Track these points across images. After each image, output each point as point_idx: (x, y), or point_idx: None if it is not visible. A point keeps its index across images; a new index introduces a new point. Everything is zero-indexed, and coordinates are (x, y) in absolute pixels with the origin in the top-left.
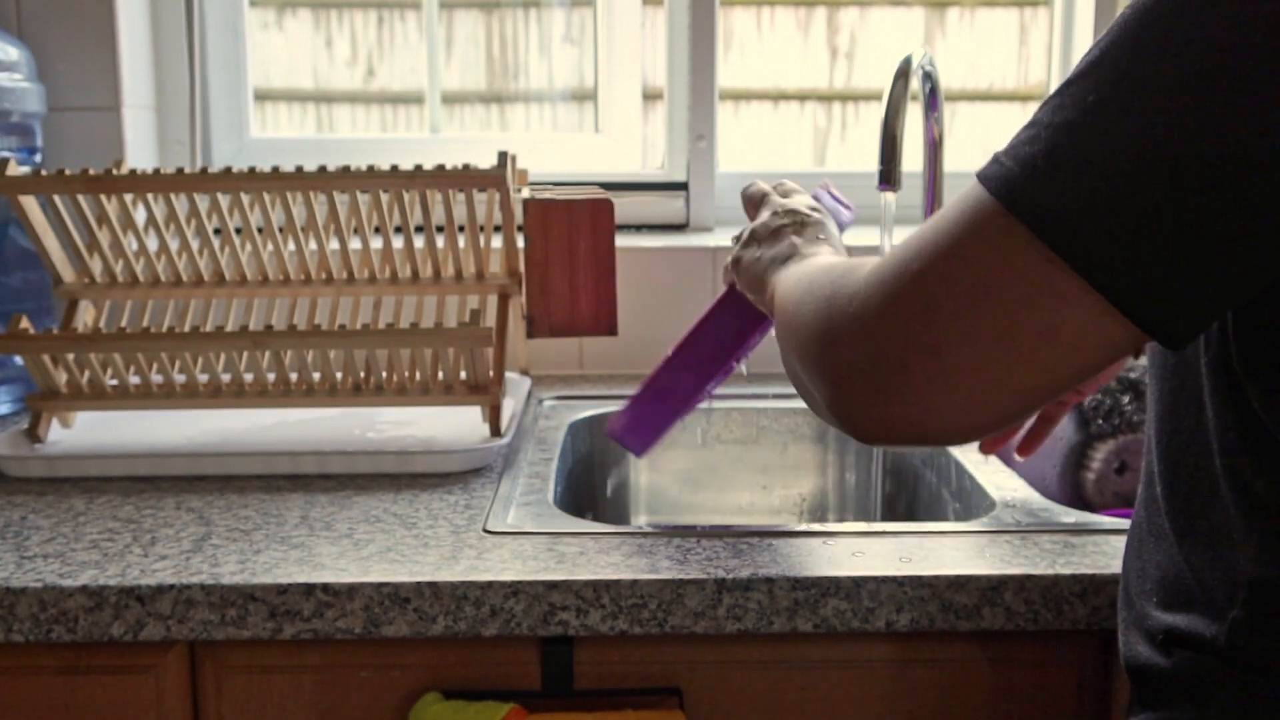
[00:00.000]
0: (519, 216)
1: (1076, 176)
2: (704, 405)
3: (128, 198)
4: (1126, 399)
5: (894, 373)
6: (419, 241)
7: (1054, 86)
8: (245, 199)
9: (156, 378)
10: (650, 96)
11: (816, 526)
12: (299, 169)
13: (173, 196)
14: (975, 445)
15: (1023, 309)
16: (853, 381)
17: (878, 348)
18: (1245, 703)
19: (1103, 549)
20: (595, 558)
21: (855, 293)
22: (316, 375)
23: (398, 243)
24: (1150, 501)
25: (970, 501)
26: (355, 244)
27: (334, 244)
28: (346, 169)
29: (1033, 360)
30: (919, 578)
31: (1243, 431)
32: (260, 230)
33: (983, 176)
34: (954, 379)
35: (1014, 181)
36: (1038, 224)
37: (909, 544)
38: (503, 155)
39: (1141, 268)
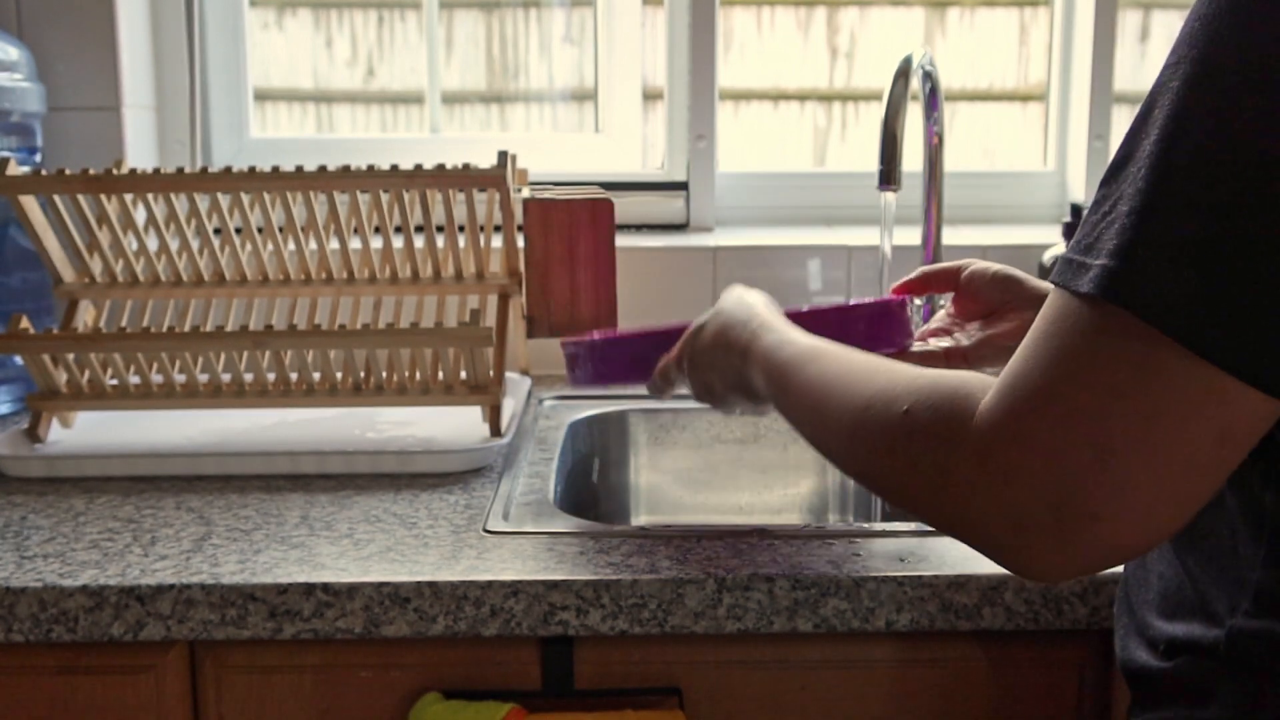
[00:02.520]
0: (519, 216)
1: (1194, 268)
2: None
3: (128, 198)
4: None
5: (1076, 520)
6: (419, 241)
7: (1054, 86)
8: (245, 199)
9: (156, 378)
10: (650, 96)
11: (816, 526)
12: (299, 169)
13: (173, 196)
14: None
15: (1193, 420)
16: (1007, 527)
17: (1048, 497)
18: (1246, 703)
19: None
20: (595, 558)
21: (983, 443)
22: (316, 375)
23: (398, 243)
24: None
25: None
26: (355, 244)
27: (334, 244)
28: (346, 169)
29: (1210, 465)
30: (919, 578)
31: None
32: (260, 230)
33: (1092, 288)
34: (1138, 506)
35: (1113, 276)
36: (1182, 332)
37: (909, 544)
38: (503, 155)
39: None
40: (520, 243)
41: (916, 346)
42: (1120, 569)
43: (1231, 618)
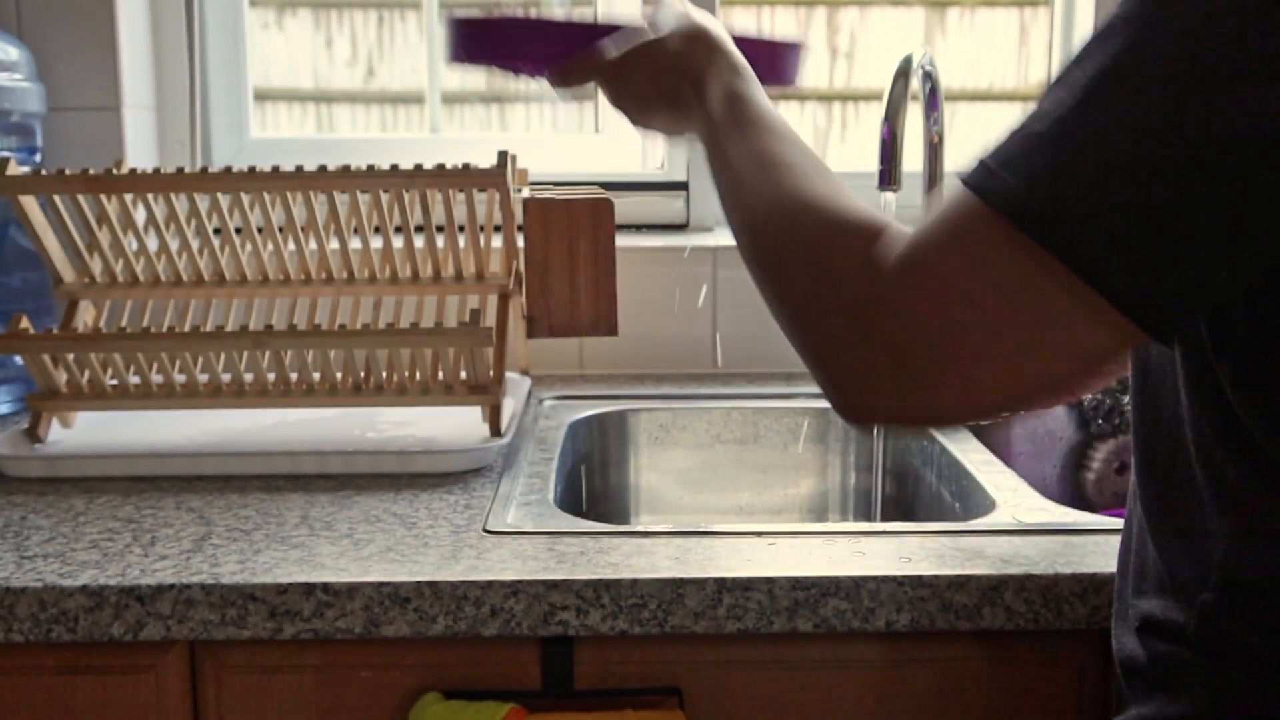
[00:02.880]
0: (519, 216)
1: (1074, 185)
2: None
3: (128, 198)
4: (1126, 399)
5: (915, 375)
6: (419, 241)
7: None
8: (245, 199)
9: (156, 378)
10: None
11: (816, 526)
12: (299, 169)
13: (173, 196)
14: (976, 446)
15: (1047, 326)
16: (862, 375)
17: (899, 352)
18: (1214, 695)
19: (1103, 549)
20: (595, 558)
21: (881, 287)
22: (316, 375)
23: (398, 243)
24: (1132, 492)
25: (970, 501)
26: (355, 244)
27: (334, 244)
28: (346, 169)
29: (1056, 379)
30: (919, 578)
31: (1216, 420)
32: (260, 230)
33: (982, 189)
34: (971, 383)
35: (1016, 196)
36: (1047, 239)
37: (909, 544)
38: (503, 155)
39: (1140, 269)
40: (520, 243)
41: None
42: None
43: (1200, 594)
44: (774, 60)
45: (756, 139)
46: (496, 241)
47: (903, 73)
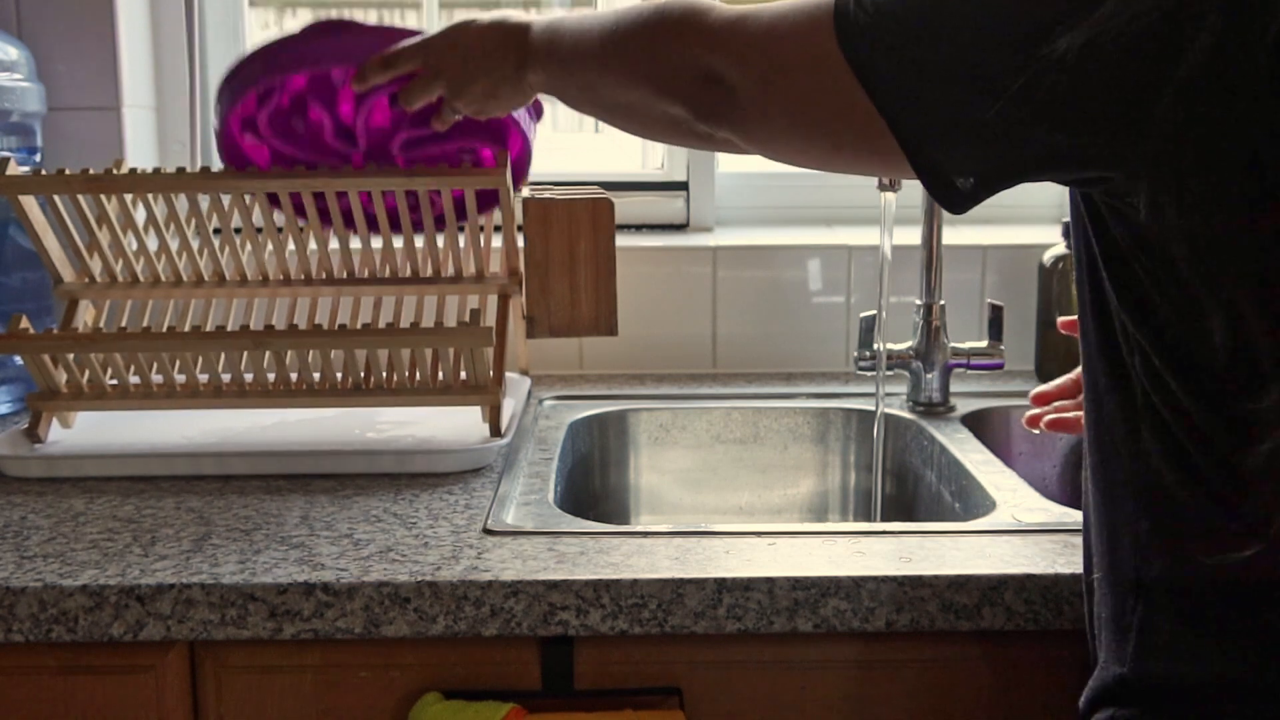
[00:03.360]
0: (519, 216)
1: (897, 32)
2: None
3: (128, 198)
4: None
5: (734, 96)
6: (419, 241)
7: None
8: (246, 199)
9: (156, 378)
10: None
11: (816, 526)
12: (299, 168)
13: (173, 196)
14: (976, 446)
15: (837, 119)
16: (705, 92)
17: (726, 77)
18: (1147, 688)
19: None
20: (595, 558)
21: (717, 27)
22: (316, 375)
23: (398, 242)
24: (1091, 489)
25: (970, 501)
26: (355, 244)
27: (334, 244)
28: (347, 168)
29: (828, 149)
30: (919, 578)
31: (1125, 397)
32: (260, 230)
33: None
34: (771, 115)
35: (848, 17)
36: (856, 62)
37: (909, 544)
38: (503, 155)
39: (925, 105)
40: (520, 242)
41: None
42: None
43: (1142, 570)
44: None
45: (573, 31)
46: (496, 241)
47: None
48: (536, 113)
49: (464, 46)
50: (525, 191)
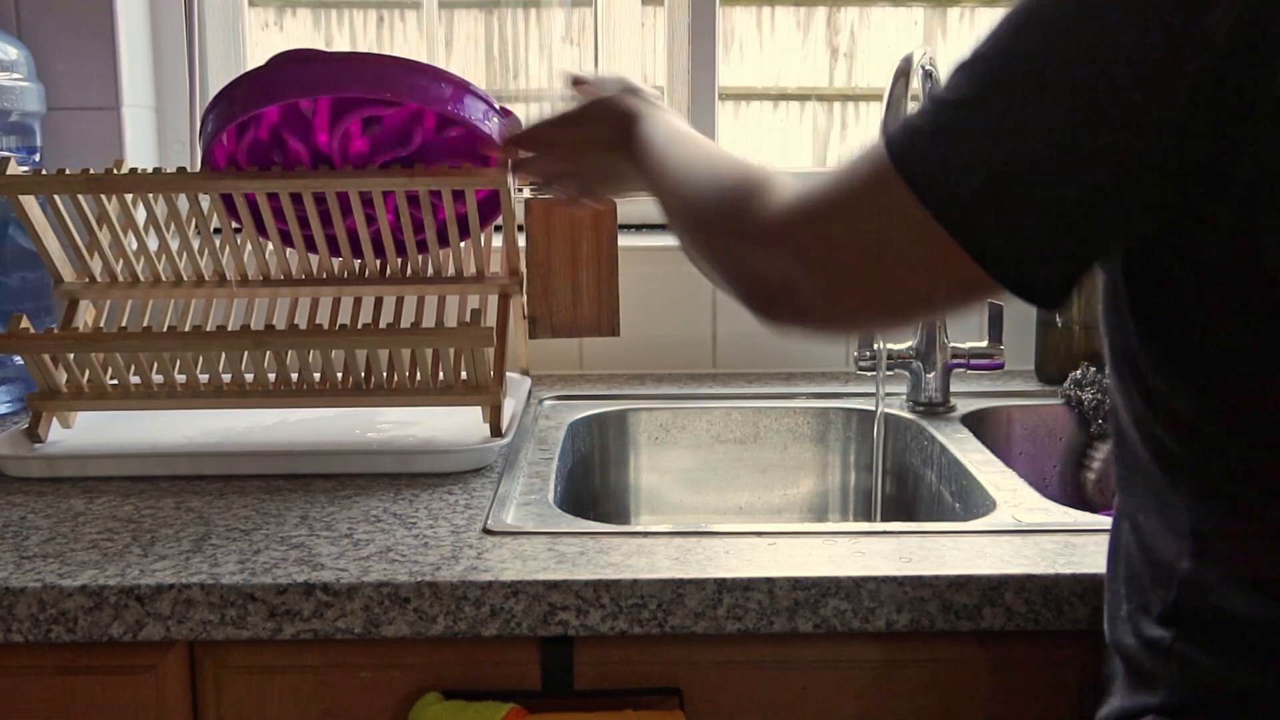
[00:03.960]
0: (520, 216)
1: (956, 150)
2: None
3: (128, 198)
4: None
5: (795, 296)
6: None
7: None
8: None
9: (157, 377)
10: None
11: (816, 526)
12: (299, 168)
13: (173, 196)
14: (976, 446)
15: (909, 265)
16: (756, 289)
17: (785, 278)
18: (1187, 683)
19: (1103, 549)
20: (595, 558)
21: (769, 225)
22: (317, 375)
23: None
24: (1119, 486)
25: (970, 501)
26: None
27: None
28: (346, 168)
29: (908, 298)
30: (919, 578)
31: (1145, 392)
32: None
33: (886, 140)
34: (841, 303)
35: (903, 147)
36: (919, 185)
37: (909, 544)
38: (504, 155)
39: (1007, 233)
40: (521, 242)
41: None
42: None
43: (1179, 563)
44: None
45: (671, 148)
46: (497, 241)
47: (903, 73)
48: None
49: (585, 129)
50: (527, 192)
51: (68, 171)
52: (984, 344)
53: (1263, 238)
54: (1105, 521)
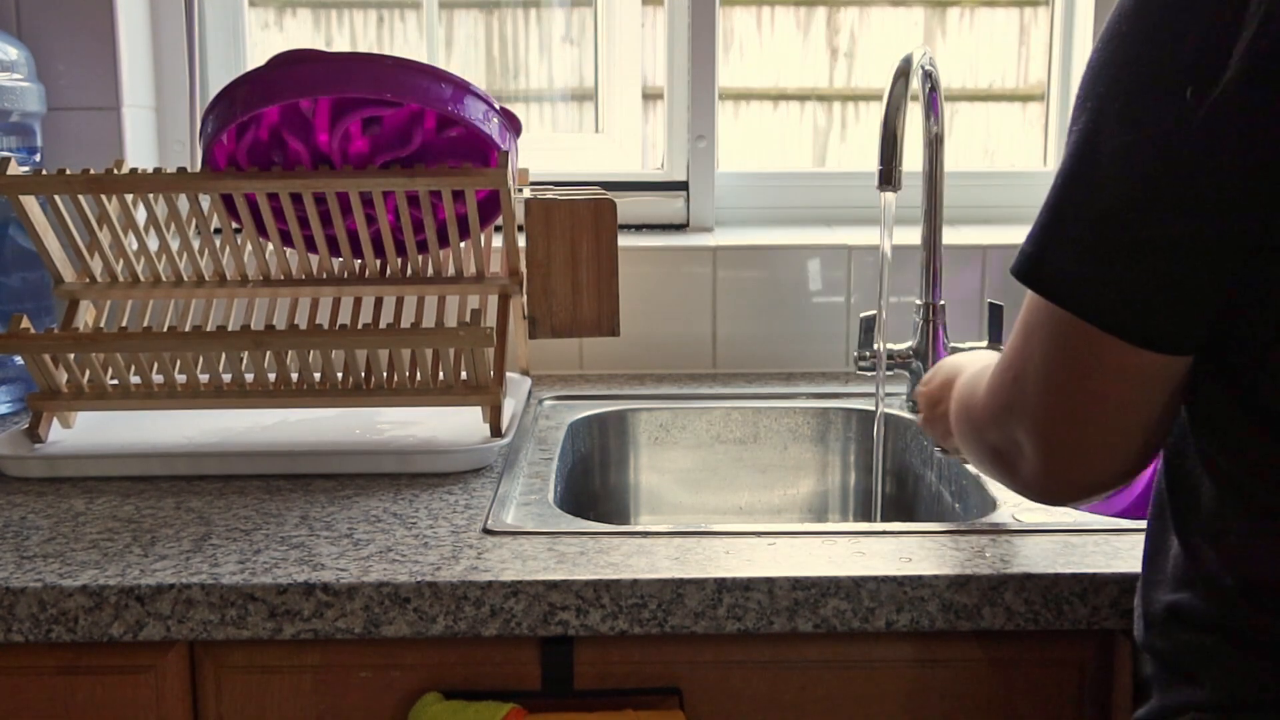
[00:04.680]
0: (520, 216)
1: (1070, 241)
2: None
3: (128, 198)
4: None
5: (1010, 459)
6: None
7: (1054, 86)
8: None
9: (157, 378)
10: (650, 96)
11: (816, 526)
12: (298, 168)
13: (173, 196)
14: None
15: (1078, 378)
16: (1003, 464)
17: (999, 443)
18: (1237, 681)
19: (1103, 549)
20: (595, 558)
21: (981, 398)
22: (317, 375)
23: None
24: (1156, 484)
25: (970, 501)
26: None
27: None
28: (346, 168)
29: (1105, 414)
30: (919, 578)
31: (1202, 410)
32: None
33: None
34: (1060, 452)
35: (1028, 261)
36: (1058, 295)
37: (909, 544)
38: (503, 155)
39: (1149, 307)
40: (521, 242)
41: None
42: (1134, 567)
43: (1226, 582)
44: None
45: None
46: (497, 241)
47: (903, 73)
48: (514, 129)
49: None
50: (527, 192)
51: (68, 171)
52: (984, 344)
53: None
54: (1105, 521)
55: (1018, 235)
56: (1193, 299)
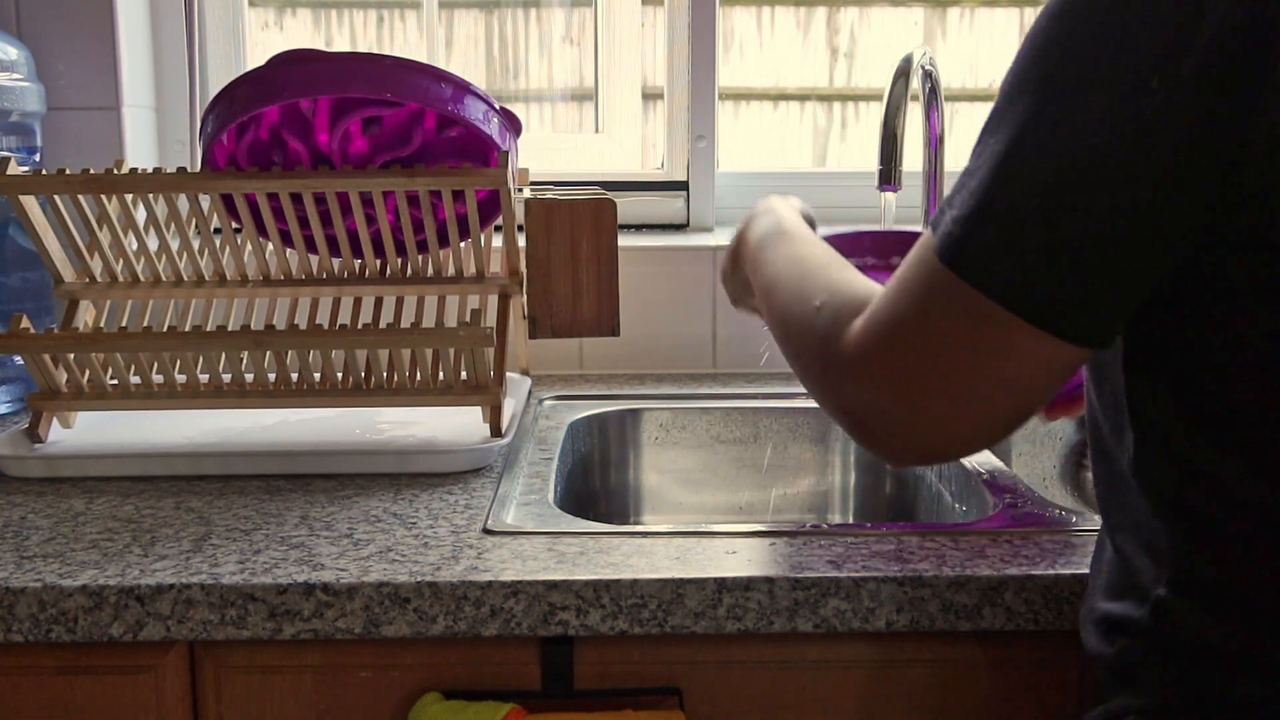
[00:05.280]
0: (520, 216)
1: (1000, 227)
2: None
3: (128, 198)
4: None
5: (883, 418)
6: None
7: None
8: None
9: (157, 378)
10: (650, 96)
11: (816, 526)
12: (298, 168)
13: (173, 196)
14: None
15: (982, 359)
16: (853, 421)
17: (871, 400)
18: (1171, 688)
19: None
20: (595, 558)
21: (850, 358)
22: (317, 375)
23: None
24: (1099, 494)
25: (970, 501)
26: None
27: None
28: (346, 168)
29: (998, 396)
30: (919, 578)
31: (1141, 414)
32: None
33: (937, 240)
34: (934, 424)
35: (954, 243)
36: (981, 283)
37: (909, 544)
38: (503, 155)
39: (1068, 296)
40: (521, 242)
41: None
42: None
43: (1155, 589)
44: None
45: (774, 254)
46: (497, 241)
47: (903, 73)
48: (514, 129)
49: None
50: (527, 192)
51: (68, 171)
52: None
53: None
54: None
55: None
56: (1123, 294)
